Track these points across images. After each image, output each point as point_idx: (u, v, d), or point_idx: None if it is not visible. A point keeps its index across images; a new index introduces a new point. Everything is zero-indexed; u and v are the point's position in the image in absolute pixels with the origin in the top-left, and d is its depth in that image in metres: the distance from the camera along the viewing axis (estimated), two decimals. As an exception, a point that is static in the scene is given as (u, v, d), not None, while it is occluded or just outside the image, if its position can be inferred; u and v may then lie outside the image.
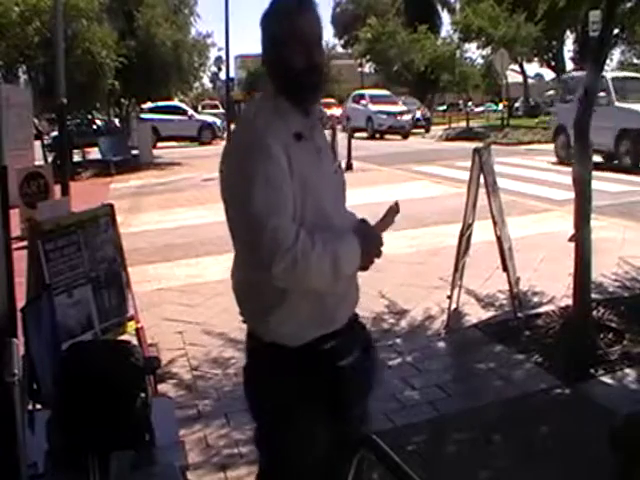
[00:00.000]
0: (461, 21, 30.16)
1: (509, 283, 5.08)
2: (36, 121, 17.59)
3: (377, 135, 28.96)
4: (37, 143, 14.82)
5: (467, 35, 29.96)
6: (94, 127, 23.57)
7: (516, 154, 17.94)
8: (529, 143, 22.21)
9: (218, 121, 28.42)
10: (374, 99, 29.82)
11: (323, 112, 2.58)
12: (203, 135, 27.65)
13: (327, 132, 3.24)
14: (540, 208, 9.74)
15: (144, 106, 25.57)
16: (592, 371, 4.18)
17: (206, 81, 51.28)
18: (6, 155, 2.62)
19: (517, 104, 42.61)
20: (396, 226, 2.28)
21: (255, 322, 2.08)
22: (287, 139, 1.85)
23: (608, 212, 8.86)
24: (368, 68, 43.56)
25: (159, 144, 26.82)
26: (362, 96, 30.86)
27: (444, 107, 45.32)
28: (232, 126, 20.28)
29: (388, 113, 28.59)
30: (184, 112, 28.78)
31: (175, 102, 28.76)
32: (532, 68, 49.49)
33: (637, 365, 4.24)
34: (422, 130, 31.87)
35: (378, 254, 2.01)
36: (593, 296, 4.90)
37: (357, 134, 25.85)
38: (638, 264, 6.43)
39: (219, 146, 19.57)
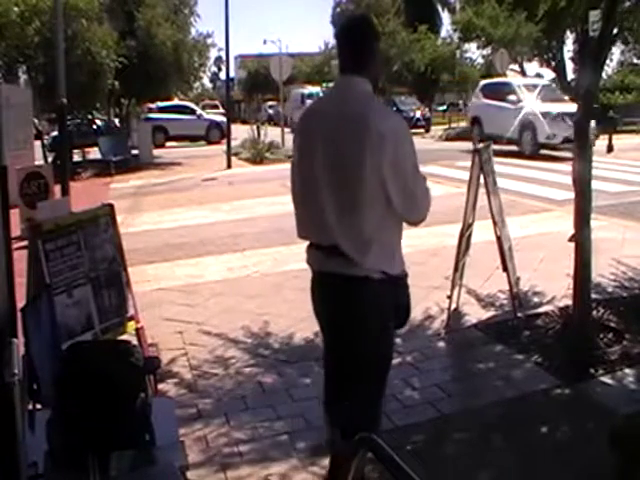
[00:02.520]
0: (461, 21, 30.12)
1: (509, 283, 5.08)
2: (36, 121, 17.59)
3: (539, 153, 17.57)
4: (37, 143, 14.82)
5: (467, 35, 29.93)
6: (94, 127, 23.57)
7: (516, 154, 17.91)
8: (529, 143, 22.14)
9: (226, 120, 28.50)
10: (540, 92, 18.86)
11: None
12: (211, 134, 27.62)
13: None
14: (540, 208, 9.74)
15: (152, 105, 25.64)
16: (592, 371, 4.18)
17: (206, 81, 51.29)
18: (6, 155, 2.62)
19: (517, 104, 42.60)
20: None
21: (383, 262, 2.54)
22: None
23: (608, 212, 8.87)
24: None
25: (167, 143, 26.93)
26: (506, 87, 19.91)
27: (444, 107, 45.29)
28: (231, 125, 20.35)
29: (563, 116, 16.77)
30: (192, 111, 28.83)
31: (183, 101, 28.85)
32: (532, 68, 49.43)
33: (637, 365, 4.24)
34: (422, 130, 31.87)
35: None
36: (593, 296, 4.90)
37: (497, 147, 13.49)
38: (638, 264, 6.43)
39: (223, 146, 19.54)
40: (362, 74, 2.53)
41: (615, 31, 21.67)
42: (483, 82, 22.71)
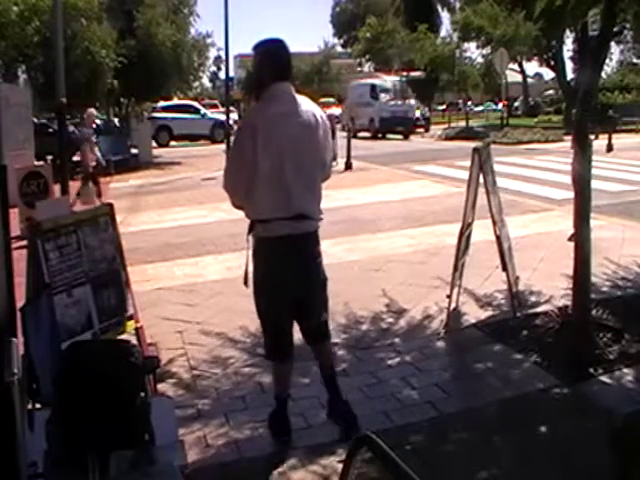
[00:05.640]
0: (461, 20, 30.10)
1: (508, 283, 5.08)
2: (36, 121, 17.56)
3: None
4: (37, 143, 14.77)
5: (466, 34, 29.91)
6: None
7: (516, 153, 17.95)
8: (528, 142, 22.22)
9: (231, 120, 28.46)
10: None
11: None
12: (216, 133, 27.49)
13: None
14: (540, 208, 9.75)
15: (157, 105, 25.64)
16: (591, 370, 4.18)
17: (205, 80, 51.25)
18: (6, 155, 2.62)
19: (516, 103, 42.61)
20: (396, 226, 2.30)
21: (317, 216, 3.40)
22: None
23: (607, 211, 8.87)
24: (368, 67, 43.56)
25: (172, 142, 26.91)
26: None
27: (443, 106, 45.28)
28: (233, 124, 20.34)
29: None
30: (197, 111, 28.78)
31: (187, 101, 28.81)
32: (531, 67, 49.52)
33: (636, 364, 4.24)
34: (422, 130, 31.88)
35: None
36: (592, 296, 4.90)
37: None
38: (637, 264, 6.43)
39: (224, 145, 19.54)
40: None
41: (615, 29, 21.64)
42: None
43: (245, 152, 3.24)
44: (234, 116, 40.49)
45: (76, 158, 18.30)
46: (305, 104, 3.38)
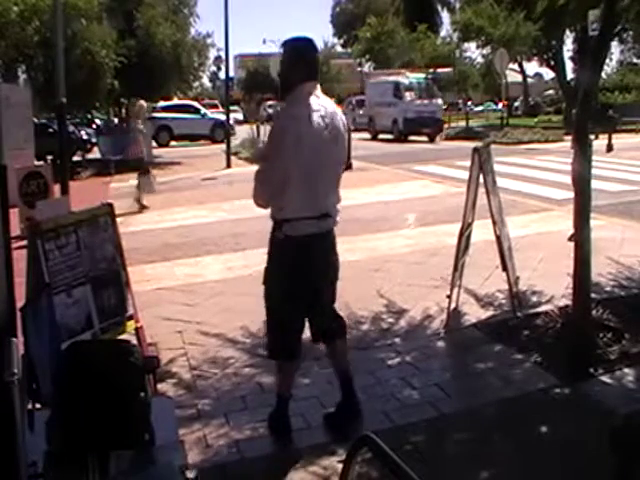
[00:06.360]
0: (461, 21, 30.09)
1: (508, 282, 5.08)
2: (36, 121, 17.57)
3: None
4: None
5: (466, 34, 29.91)
6: (93, 126, 23.56)
7: (516, 153, 17.95)
8: (529, 142, 22.22)
9: (231, 119, 28.49)
10: None
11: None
12: (216, 133, 27.47)
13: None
14: (540, 208, 9.75)
15: (157, 105, 25.64)
16: (591, 370, 4.18)
17: (205, 80, 51.25)
18: (6, 154, 2.62)
19: (516, 103, 42.60)
20: (396, 226, 2.30)
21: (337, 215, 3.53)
22: None
23: (607, 211, 8.87)
24: (368, 67, 43.54)
25: (172, 142, 26.90)
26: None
27: (444, 107, 45.25)
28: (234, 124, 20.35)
29: None
30: (197, 111, 28.77)
31: (188, 101, 28.80)
32: (531, 67, 49.55)
33: (636, 364, 4.24)
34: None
35: None
36: (592, 295, 4.89)
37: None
38: (637, 263, 6.43)
39: (223, 145, 19.53)
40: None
41: (616, 29, 21.63)
42: None
43: (280, 154, 3.23)
44: (238, 116, 40.40)
45: (76, 158, 18.39)
46: (330, 105, 3.41)
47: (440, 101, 28.31)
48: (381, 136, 27.74)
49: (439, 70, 31.06)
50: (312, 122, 3.23)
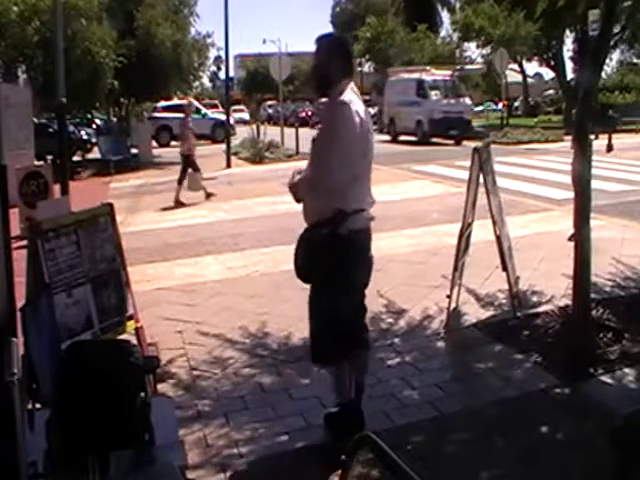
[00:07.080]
0: (461, 20, 30.10)
1: (508, 282, 5.08)
2: (36, 121, 17.59)
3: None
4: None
5: (467, 34, 29.91)
6: (93, 126, 23.55)
7: (516, 153, 17.94)
8: (528, 142, 22.21)
9: (232, 119, 28.48)
10: None
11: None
12: (217, 133, 27.45)
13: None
14: (540, 208, 9.74)
15: (157, 105, 25.58)
16: (591, 370, 4.18)
17: (205, 80, 51.21)
18: (6, 155, 2.62)
19: (516, 103, 42.58)
20: (396, 225, 2.30)
21: None
22: None
23: (607, 211, 8.87)
24: (368, 67, 43.54)
25: (173, 142, 26.82)
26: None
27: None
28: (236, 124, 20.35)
29: None
30: (197, 111, 28.72)
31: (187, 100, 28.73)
32: (531, 67, 49.52)
33: (636, 364, 4.24)
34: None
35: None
36: (592, 295, 4.89)
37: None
38: (637, 263, 6.43)
39: (223, 145, 19.53)
40: None
41: (616, 29, 21.64)
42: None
43: (341, 140, 3.22)
44: (244, 116, 40.23)
45: (76, 158, 18.39)
46: (362, 102, 3.45)
47: (468, 100, 26.19)
48: (402, 138, 25.57)
49: (467, 67, 29.82)
50: (359, 117, 3.27)
